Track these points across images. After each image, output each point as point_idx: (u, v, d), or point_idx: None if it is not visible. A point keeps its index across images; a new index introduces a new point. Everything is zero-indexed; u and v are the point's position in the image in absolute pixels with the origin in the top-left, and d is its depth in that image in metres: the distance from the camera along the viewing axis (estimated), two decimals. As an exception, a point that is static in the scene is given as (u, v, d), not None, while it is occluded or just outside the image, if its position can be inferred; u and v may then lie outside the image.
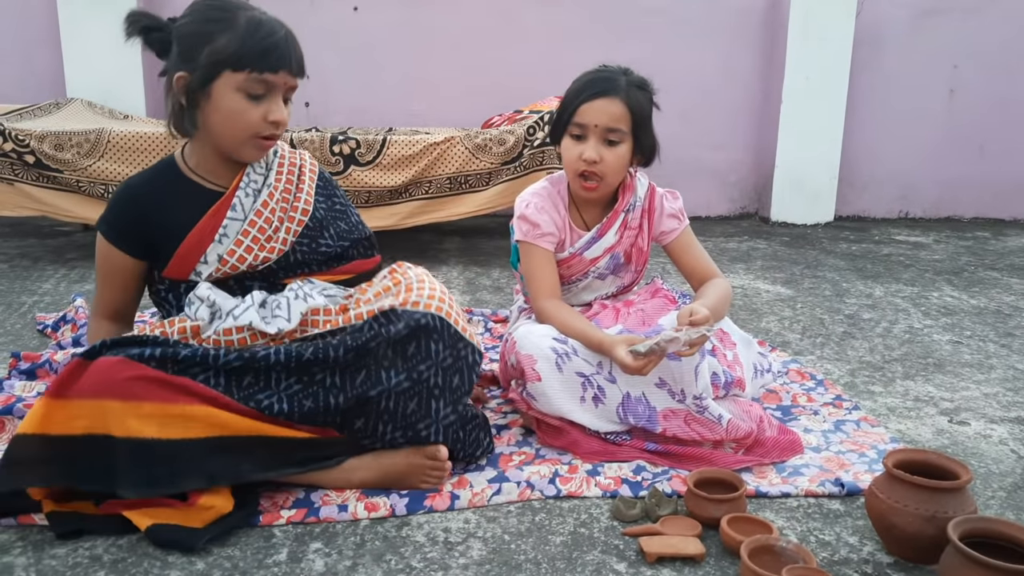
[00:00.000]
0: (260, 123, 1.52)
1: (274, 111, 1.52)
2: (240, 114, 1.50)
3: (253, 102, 1.50)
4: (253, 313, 1.51)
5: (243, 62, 1.47)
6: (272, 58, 1.48)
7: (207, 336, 1.50)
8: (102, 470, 1.36)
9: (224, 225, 1.56)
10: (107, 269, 1.61)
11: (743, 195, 4.67)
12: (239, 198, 1.58)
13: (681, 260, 1.98)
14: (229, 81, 1.48)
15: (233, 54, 1.47)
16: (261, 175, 1.63)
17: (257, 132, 1.53)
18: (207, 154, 1.60)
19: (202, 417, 1.39)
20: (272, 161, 1.66)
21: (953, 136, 4.61)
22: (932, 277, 3.34)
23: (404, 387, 1.49)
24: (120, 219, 1.59)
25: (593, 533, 1.43)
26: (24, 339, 2.35)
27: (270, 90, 1.51)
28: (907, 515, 1.32)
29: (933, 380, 2.19)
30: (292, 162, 1.68)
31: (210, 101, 1.51)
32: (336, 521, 1.44)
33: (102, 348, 1.42)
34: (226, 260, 1.56)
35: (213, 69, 1.48)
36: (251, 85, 1.49)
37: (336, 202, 1.74)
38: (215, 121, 1.53)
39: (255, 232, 1.58)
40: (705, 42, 4.42)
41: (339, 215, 1.72)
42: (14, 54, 4.11)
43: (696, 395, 1.69)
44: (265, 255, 1.59)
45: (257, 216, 1.59)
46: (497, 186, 3.29)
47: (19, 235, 3.72)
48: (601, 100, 1.78)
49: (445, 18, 4.28)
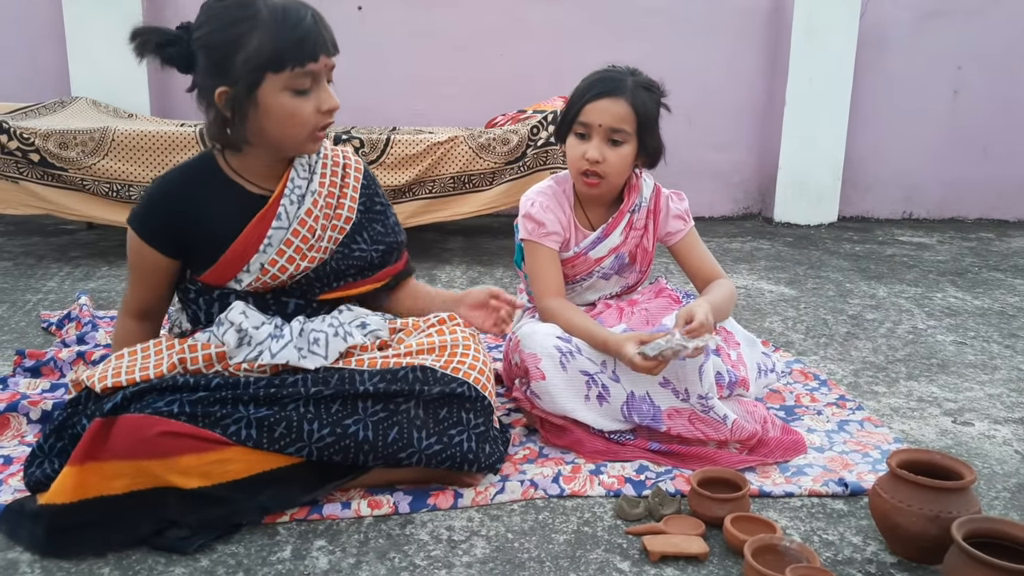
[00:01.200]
0: (315, 117, 1.47)
1: (325, 100, 1.47)
2: (294, 114, 1.45)
3: (303, 98, 1.45)
4: (292, 351, 1.48)
5: (283, 61, 1.41)
6: (308, 47, 1.42)
7: (235, 363, 1.46)
8: (151, 523, 1.33)
9: (269, 235, 1.52)
10: (138, 266, 1.56)
11: (746, 196, 4.67)
12: (284, 206, 1.53)
13: (686, 261, 1.98)
14: (274, 84, 1.42)
15: (269, 55, 1.40)
16: (305, 179, 1.57)
17: (316, 125, 1.48)
18: (256, 157, 1.54)
19: (241, 458, 1.37)
20: (315, 163, 1.59)
21: (957, 137, 4.60)
22: (936, 278, 3.34)
23: (435, 449, 1.46)
24: (153, 216, 1.53)
25: (596, 532, 1.43)
26: (29, 337, 2.35)
27: (316, 80, 1.46)
28: (911, 515, 1.32)
29: (937, 381, 2.19)
30: (336, 162, 1.63)
31: (259, 109, 1.44)
32: (340, 519, 1.44)
33: (124, 403, 1.37)
34: (267, 270, 1.53)
35: (254, 76, 1.41)
36: (296, 81, 1.43)
37: (376, 202, 1.69)
38: (269, 127, 1.46)
39: (298, 242, 1.54)
40: (709, 42, 4.42)
41: (376, 217, 1.68)
42: (19, 53, 4.12)
43: (701, 394, 1.69)
44: (306, 264, 1.56)
45: (301, 225, 1.54)
46: (501, 186, 3.29)
47: (23, 233, 3.73)
48: (606, 100, 1.78)
49: (449, 18, 4.28)
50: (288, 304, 1.59)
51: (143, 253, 1.54)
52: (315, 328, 1.54)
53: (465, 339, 1.61)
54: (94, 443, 1.32)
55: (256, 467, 1.39)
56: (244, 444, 1.37)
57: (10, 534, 1.34)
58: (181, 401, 1.37)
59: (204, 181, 1.55)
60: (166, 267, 1.56)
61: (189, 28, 1.46)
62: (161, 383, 1.40)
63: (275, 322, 1.54)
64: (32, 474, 1.42)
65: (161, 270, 1.56)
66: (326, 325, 1.55)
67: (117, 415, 1.34)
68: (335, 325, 1.55)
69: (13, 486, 1.49)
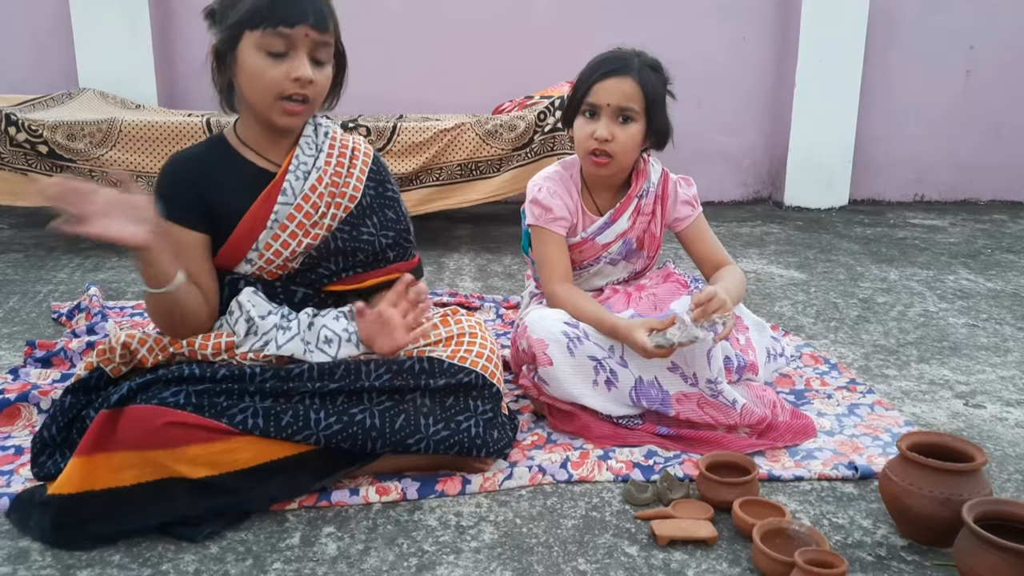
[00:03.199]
0: (283, 81, 1.45)
1: (295, 68, 1.45)
2: (262, 73, 1.45)
3: (275, 60, 1.45)
4: (298, 344, 1.48)
5: (257, 17, 1.42)
6: (283, 9, 1.42)
7: (242, 352, 1.47)
8: (160, 513, 1.33)
9: (275, 211, 1.52)
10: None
11: (756, 180, 4.64)
12: (289, 181, 1.54)
13: (694, 247, 1.97)
14: (250, 41, 1.44)
15: (248, 10, 1.43)
16: (311, 156, 1.58)
17: (281, 91, 1.46)
18: (253, 126, 1.56)
19: (248, 447, 1.37)
20: (323, 143, 1.60)
21: (969, 118, 4.56)
22: (948, 260, 3.31)
23: (442, 435, 1.46)
24: (174, 193, 1.52)
25: (605, 517, 1.43)
26: (39, 327, 2.36)
27: (292, 47, 1.45)
28: (921, 497, 1.31)
29: (948, 363, 2.17)
30: (344, 144, 1.63)
31: (237, 64, 1.47)
32: (348, 505, 1.44)
33: (130, 394, 1.36)
34: (270, 245, 1.53)
35: (235, 30, 1.45)
36: (269, 41, 1.43)
37: (388, 189, 1.68)
38: (244, 85, 1.49)
39: (301, 217, 1.54)
40: (717, 25, 4.38)
41: (388, 204, 1.67)
42: (27, 45, 4.12)
43: (710, 379, 1.68)
44: (308, 241, 1.55)
45: (304, 200, 1.54)
46: (508, 172, 3.28)
47: (34, 225, 3.74)
48: (613, 79, 1.77)
49: (456, 4, 4.26)
50: (296, 293, 1.59)
51: (178, 239, 1.50)
52: (327, 326, 1.53)
53: (471, 327, 1.61)
54: (101, 434, 1.32)
55: (264, 456, 1.39)
56: (251, 433, 1.37)
57: (19, 524, 1.35)
58: (187, 392, 1.37)
59: (214, 157, 1.57)
60: (200, 243, 1.53)
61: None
62: (167, 374, 1.40)
63: (282, 311, 1.54)
64: (43, 464, 1.43)
65: (197, 247, 1.53)
66: (340, 328, 1.54)
67: (124, 406, 1.35)
68: (349, 331, 1.54)
69: (24, 476, 1.49)
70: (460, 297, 2.65)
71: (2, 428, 1.69)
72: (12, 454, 1.59)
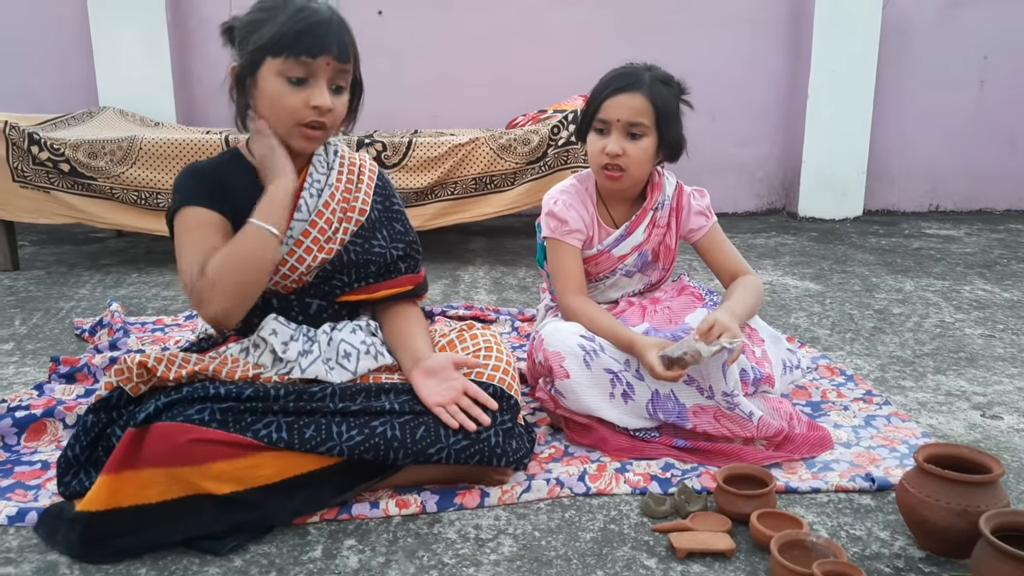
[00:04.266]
0: (301, 108, 1.49)
1: (315, 96, 1.48)
2: (281, 99, 1.48)
3: (294, 87, 1.48)
4: (320, 366, 1.53)
5: (280, 45, 1.46)
6: (308, 40, 1.45)
7: (267, 376, 1.51)
8: (185, 528, 1.35)
9: (291, 227, 1.56)
10: (202, 237, 1.49)
11: (770, 191, 4.65)
12: (304, 199, 1.58)
13: (710, 257, 1.98)
14: (271, 67, 1.48)
15: (271, 38, 1.46)
16: (323, 174, 1.62)
17: (300, 119, 1.50)
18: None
19: (272, 463, 1.40)
20: (333, 161, 1.65)
21: (984, 128, 4.55)
22: (963, 271, 3.30)
23: (463, 445, 1.48)
24: (201, 187, 1.54)
25: (623, 529, 1.44)
26: (62, 343, 2.40)
27: (312, 75, 1.48)
28: (939, 509, 1.31)
29: (965, 374, 2.17)
30: (352, 162, 1.68)
31: (257, 88, 1.51)
32: (369, 518, 1.46)
33: (156, 413, 1.38)
34: (286, 260, 1.56)
35: (256, 55, 1.48)
36: (290, 68, 1.47)
37: (394, 203, 1.73)
38: (263, 108, 1.52)
39: (315, 232, 1.58)
40: (730, 38, 4.41)
41: (395, 217, 1.71)
42: (48, 65, 4.19)
43: (726, 392, 1.69)
44: (323, 256, 1.59)
45: (319, 216, 1.58)
46: (522, 186, 3.30)
47: (55, 242, 3.80)
48: (623, 95, 1.79)
49: (469, 20, 4.30)
50: (311, 305, 1.63)
51: (204, 220, 1.51)
52: (345, 340, 1.58)
53: (487, 341, 1.65)
54: (128, 452, 1.34)
55: (288, 471, 1.41)
56: (276, 446, 1.40)
57: (47, 538, 1.37)
58: (212, 409, 1.40)
59: (230, 170, 1.60)
60: (225, 227, 1.53)
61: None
62: (192, 393, 1.43)
63: (303, 333, 1.57)
64: (68, 483, 1.45)
65: (224, 230, 1.52)
66: (358, 340, 1.59)
67: (150, 424, 1.37)
68: (367, 343, 1.60)
69: (51, 490, 1.52)
70: (476, 310, 2.67)
71: (28, 443, 1.72)
72: (39, 468, 1.62)
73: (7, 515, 1.43)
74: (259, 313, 1.59)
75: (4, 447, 1.70)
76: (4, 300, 2.84)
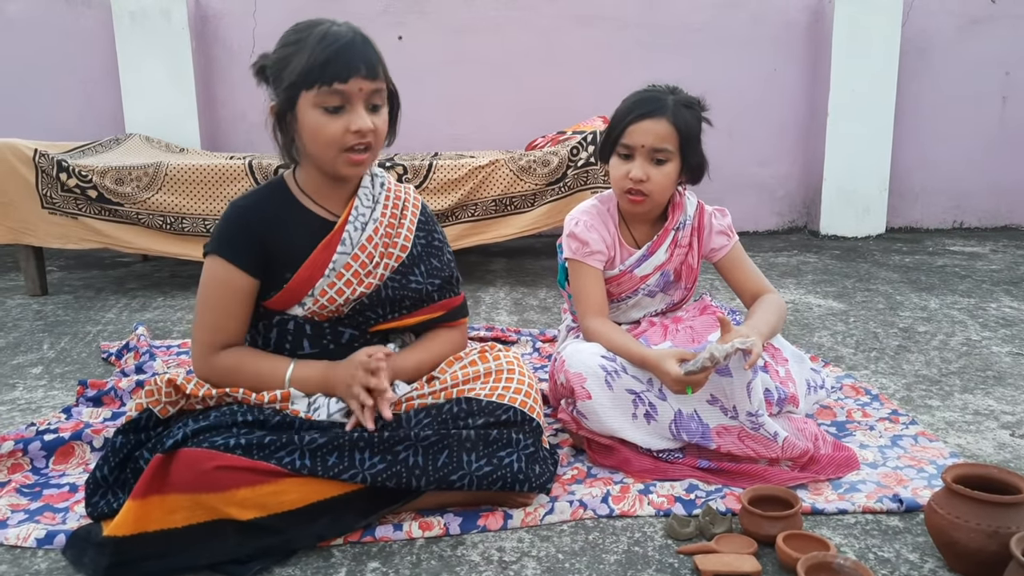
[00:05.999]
0: (343, 135, 1.49)
1: (354, 120, 1.48)
2: (321, 130, 1.49)
3: (332, 115, 1.48)
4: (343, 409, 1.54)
5: (311, 78, 1.46)
6: (336, 67, 1.45)
7: (294, 409, 1.52)
8: (211, 553, 1.36)
9: (334, 260, 1.56)
10: (222, 297, 1.55)
11: (791, 209, 4.63)
12: (348, 232, 1.58)
13: (732, 276, 1.97)
14: (307, 100, 1.48)
15: (302, 73, 1.46)
16: (368, 208, 1.62)
17: (342, 145, 1.50)
18: (315, 177, 1.60)
19: (295, 489, 1.40)
20: (379, 194, 1.65)
21: (1007, 143, 4.52)
22: (990, 288, 3.27)
23: (485, 471, 1.48)
24: (237, 236, 1.56)
25: (647, 551, 1.43)
26: (90, 367, 2.43)
27: (347, 100, 1.48)
28: (968, 530, 1.29)
29: (993, 393, 2.14)
30: (397, 195, 1.68)
31: (298, 123, 1.51)
32: (392, 540, 1.46)
33: (184, 439, 1.40)
34: (325, 292, 1.57)
35: (291, 92, 1.48)
36: (325, 99, 1.47)
37: (435, 238, 1.72)
38: (306, 141, 1.53)
39: (357, 266, 1.58)
40: (749, 57, 4.42)
41: (434, 252, 1.71)
42: (76, 93, 4.28)
43: (750, 411, 1.68)
44: (362, 290, 1.59)
45: (361, 251, 1.58)
46: (542, 207, 3.32)
47: (82, 267, 3.85)
48: (648, 121, 1.79)
49: (488, 44, 4.35)
50: (343, 334, 1.63)
51: (230, 278, 1.54)
52: None
53: (509, 363, 1.63)
54: (155, 478, 1.36)
55: (311, 496, 1.42)
56: (299, 473, 1.40)
57: (74, 561, 1.39)
58: (237, 436, 1.41)
59: (276, 203, 1.61)
60: (251, 290, 1.57)
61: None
62: (219, 420, 1.44)
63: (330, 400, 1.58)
64: (96, 504, 1.47)
65: (247, 295, 1.56)
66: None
67: (176, 450, 1.39)
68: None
69: (79, 512, 1.54)
70: (497, 331, 2.67)
71: (57, 466, 1.74)
72: (67, 491, 1.64)
73: (36, 538, 1.45)
74: (291, 339, 1.60)
75: (33, 470, 1.72)
76: (33, 324, 2.88)
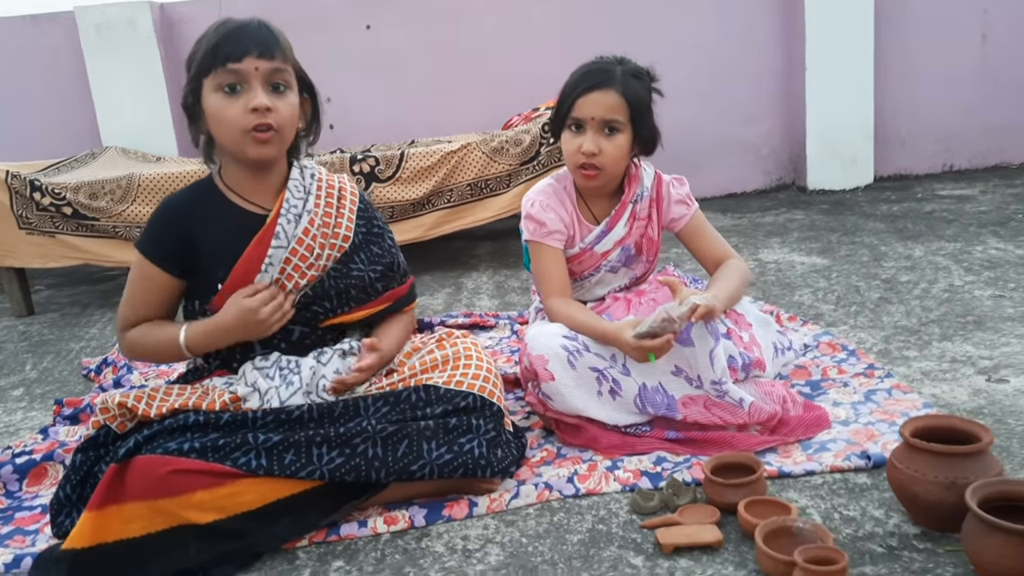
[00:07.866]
0: (243, 115, 1.49)
1: (252, 99, 1.49)
2: (222, 111, 1.50)
3: (231, 97, 1.50)
4: (300, 397, 1.55)
5: (207, 63, 1.49)
6: (228, 47, 1.48)
7: (248, 406, 1.53)
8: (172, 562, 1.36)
9: (269, 254, 1.57)
10: (142, 288, 1.61)
11: (778, 166, 4.58)
12: (281, 225, 1.58)
13: (693, 245, 1.95)
14: (208, 87, 1.51)
15: (199, 60, 1.50)
16: (300, 199, 1.63)
17: (244, 126, 1.50)
18: (237, 171, 1.61)
19: (253, 489, 1.40)
20: (310, 185, 1.65)
21: (991, 82, 4.43)
22: (976, 230, 3.22)
23: (446, 459, 1.47)
24: (160, 235, 1.59)
25: (611, 529, 1.42)
26: (70, 385, 2.44)
27: (244, 80, 1.49)
28: (927, 484, 1.28)
29: (972, 339, 2.12)
30: (331, 185, 1.68)
31: (204, 112, 1.53)
32: (357, 538, 1.46)
33: (137, 447, 1.41)
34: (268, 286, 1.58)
35: (195, 82, 1.52)
36: (221, 79, 1.49)
37: (375, 225, 1.73)
38: (213, 129, 1.54)
39: (296, 260, 1.58)
40: (721, 14, 4.34)
41: (374, 239, 1.71)
42: (51, 111, 4.28)
43: (714, 380, 1.66)
44: (304, 282, 1.60)
45: (299, 244, 1.59)
46: (518, 187, 3.28)
47: (71, 284, 3.87)
48: (596, 92, 1.77)
49: (455, 28, 4.30)
50: (293, 331, 1.63)
51: (151, 274, 1.60)
52: (326, 376, 1.58)
53: (467, 349, 1.63)
54: (111, 488, 1.36)
55: (270, 496, 1.41)
56: (255, 473, 1.40)
57: None
58: (191, 439, 1.41)
59: (203, 202, 1.62)
60: (171, 288, 1.62)
61: None
62: (172, 424, 1.45)
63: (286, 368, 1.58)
64: (62, 523, 1.48)
65: (166, 291, 1.62)
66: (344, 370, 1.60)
67: (131, 458, 1.39)
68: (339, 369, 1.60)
69: (48, 534, 1.54)
70: (475, 317, 2.66)
71: (30, 488, 1.75)
72: (39, 513, 1.65)
73: (3, 563, 1.45)
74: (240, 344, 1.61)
75: (6, 494, 1.73)
76: (18, 346, 2.89)
